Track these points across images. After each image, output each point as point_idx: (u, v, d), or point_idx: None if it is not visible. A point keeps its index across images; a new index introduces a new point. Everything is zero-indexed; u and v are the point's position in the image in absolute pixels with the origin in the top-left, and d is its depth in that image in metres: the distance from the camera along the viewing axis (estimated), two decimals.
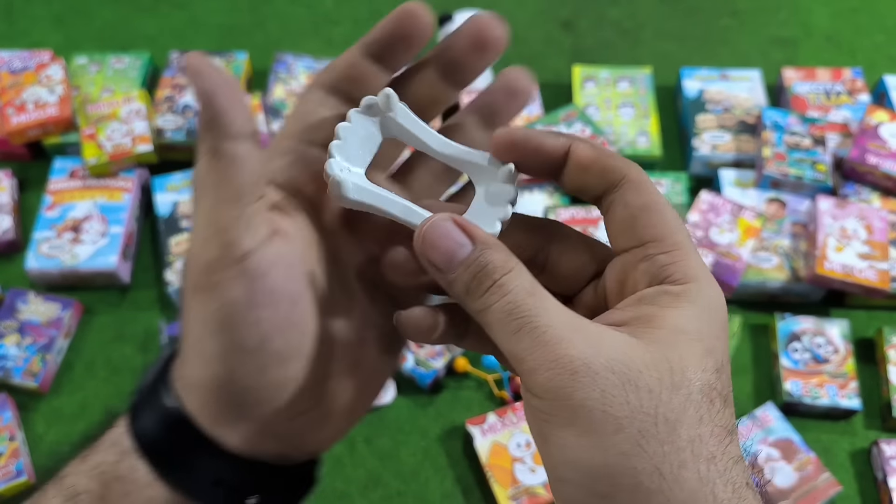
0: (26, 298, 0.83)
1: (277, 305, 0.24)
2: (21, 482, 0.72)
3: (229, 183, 0.23)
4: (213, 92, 0.22)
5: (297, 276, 0.25)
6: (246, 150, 0.23)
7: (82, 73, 0.99)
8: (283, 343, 0.24)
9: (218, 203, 0.23)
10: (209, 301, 0.23)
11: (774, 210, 0.88)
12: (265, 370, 0.24)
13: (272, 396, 0.24)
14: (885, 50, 1.08)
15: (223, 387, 0.24)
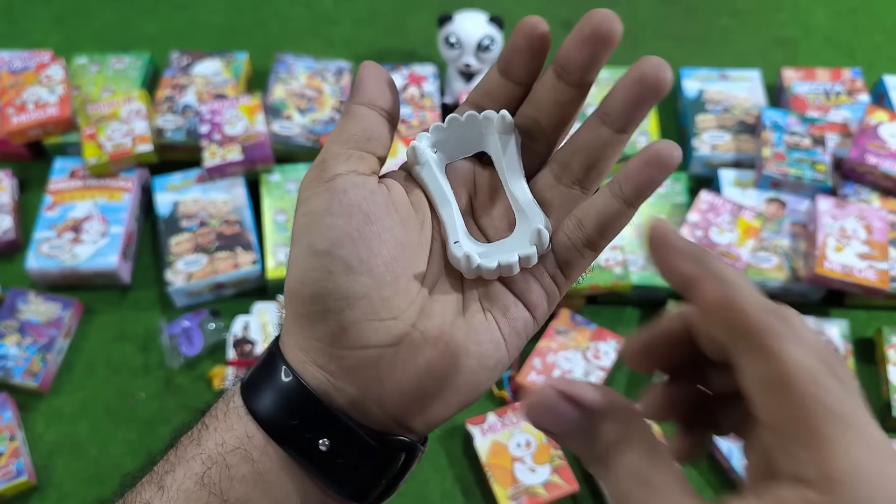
0: (27, 298, 0.83)
1: (350, 217, 0.26)
2: (21, 482, 0.72)
3: (343, 129, 0.28)
4: (364, 73, 0.29)
5: (379, 204, 0.27)
6: (366, 112, 0.28)
7: (83, 74, 0.99)
8: (350, 252, 0.26)
9: (330, 143, 0.28)
10: (300, 213, 0.27)
11: (774, 210, 0.88)
12: (332, 276, 0.26)
13: (340, 306, 0.26)
14: (884, 50, 1.08)
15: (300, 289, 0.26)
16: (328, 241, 0.26)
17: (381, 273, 0.27)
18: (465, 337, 0.27)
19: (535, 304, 0.28)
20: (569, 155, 0.29)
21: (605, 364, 0.79)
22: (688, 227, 0.84)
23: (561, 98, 0.29)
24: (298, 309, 0.27)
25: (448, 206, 0.29)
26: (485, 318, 0.28)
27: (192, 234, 0.86)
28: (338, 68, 1.01)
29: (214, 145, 0.90)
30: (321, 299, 0.26)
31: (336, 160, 0.28)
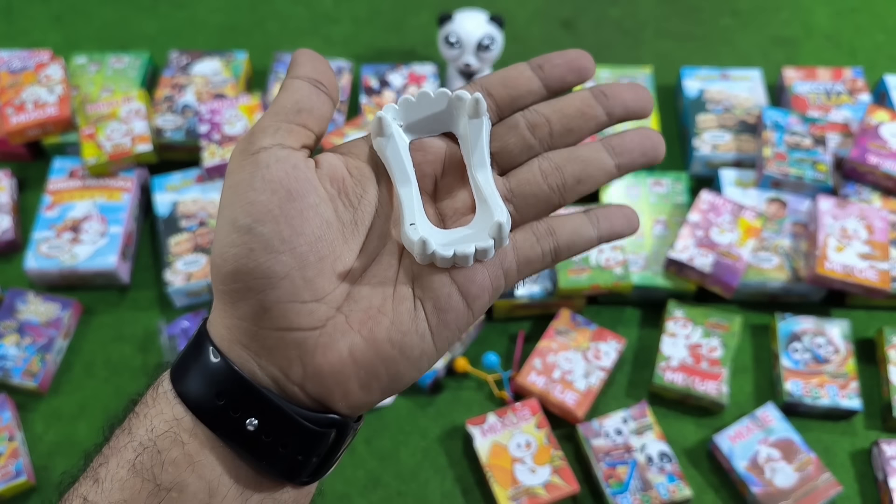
0: (25, 298, 0.83)
1: (272, 193, 0.26)
2: (20, 482, 0.72)
3: (275, 102, 0.28)
4: (299, 53, 0.29)
5: (303, 180, 0.26)
6: (300, 84, 0.28)
7: (82, 73, 0.99)
8: (272, 230, 0.25)
9: (263, 115, 0.28)
10: (225, 185, 0.27)
11: (775, 210, 0.87)
12: (252, 253, 0.25)
13: (261, 285, 0.25)
14: (885, 49, 1.08)
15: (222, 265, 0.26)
16: (250, 216, 0.26)
17: (305, 253, 0.26)
18: (389, 325, 0.27)
19: (476, 295, 0.28)
20: (565, 162, 0.29)
21: (605, 364, 0.79)
22: (688, 227, 0.84)
23: (588, 111, 0.30)
24: (220, 286, 0.26)
25: (408, 185, 0.28)
26: (413, 306, 0.27)
27: (192, 233, 0.86)
28: (337, 68, 1.00)
29: (214, 145, 0.90)
30: (241, 277, 0.26)
31: (264, 133, 0.27)
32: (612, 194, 0.90)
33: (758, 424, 0.75)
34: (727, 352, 0.79)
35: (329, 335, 0.26)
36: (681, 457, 0.75)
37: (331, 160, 0.28)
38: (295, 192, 0.26)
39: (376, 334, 0.26)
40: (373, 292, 0.27)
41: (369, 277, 0.28)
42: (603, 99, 0.30)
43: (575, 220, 0.30)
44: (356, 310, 0.27)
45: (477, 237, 0.28)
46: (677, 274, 0.83)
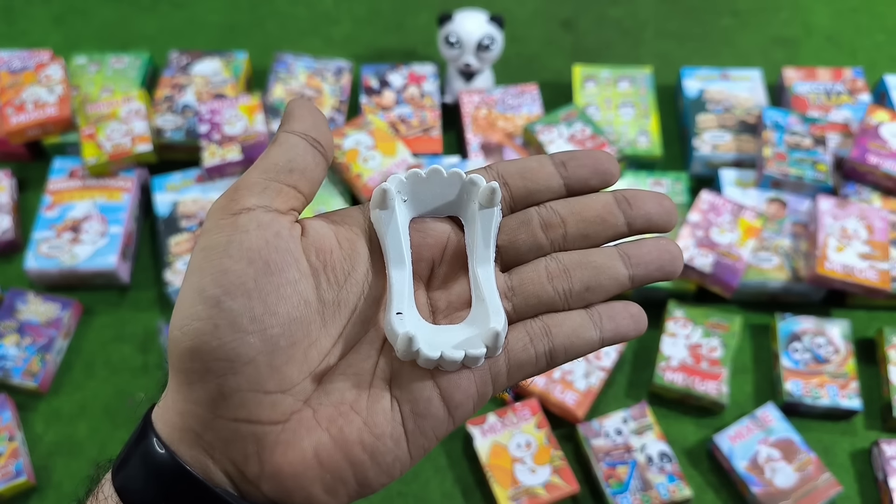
0: (26, 298, 0.83)
1: (248, 264, 0.23)
2: (20, 482, 0.72)
3: (266, 156, 0.26)
4: (295, 104, 0.27)
5: (284, 251, 0.24)
6: (295, 140, 0.26)
7: (82, 73, 0.99)
8: (242, 306, 0.23)
9: (251, 169, 0.25)
10: (198, 245, 0.24)
11: (775, 210, 0.87)
12: (217, 331, 0.22)
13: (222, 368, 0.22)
14: (885, 49, 1.08)
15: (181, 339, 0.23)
16: (220, 287, 0.23)
17: (276, 336, 0.23)
18: (361, 425, 0.24)
19: (459, 403, 0.25)
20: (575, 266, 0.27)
21: (605, 364, 0.79)
22: (689, 227, 0.84)
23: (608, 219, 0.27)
24: (177, 363, 0.23)
25: (401, 268, 0.26)
26: (390, 406, 0.24)
27: (192, 234, 0.86)
28: (337, 68, 1.00)
29: (214, 145, 0.90)
30: (201, 356, 0.22)
31: (249, 191, 0.24)
32: None
33: (758, 424, 0.75)
34: (727, 352, 0.79)
35: (293, 431, 0.23)
36: (681, 457, 0.75)
37: (320, 228, 0.26)
38: (274, 264, 0.23)
39: (346, 434, 0.23)
40: (346, 386, 0.24)
41: (345, 367, 0.25)
42: (626, 207, 0.27)
43: (574, 318, 0.26)
44: (326, 404, 0.24)
45: (468, 341, 0.25)
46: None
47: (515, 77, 1.02)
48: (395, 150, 0.90)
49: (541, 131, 0.91)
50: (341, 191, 0.90)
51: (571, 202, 0.28)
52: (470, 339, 0.25)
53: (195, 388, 0.23)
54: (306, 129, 0.26)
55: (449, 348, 0.24)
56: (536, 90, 0.98)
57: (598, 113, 0.96)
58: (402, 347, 0.24)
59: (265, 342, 0.23)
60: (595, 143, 0.90)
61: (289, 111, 0.27)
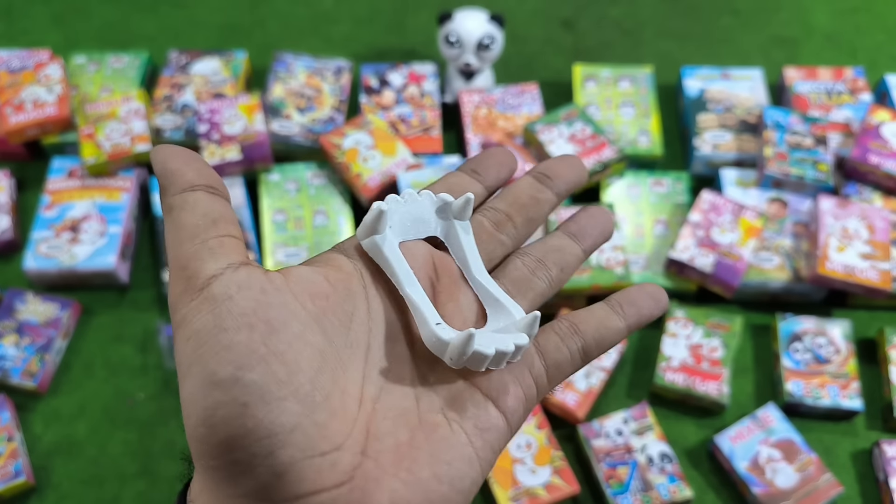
0: (24, 298, 0.82)
1: (251, 329, 0.21)
2: (20, 483, 0.71)
3: (182, 226, 0.23)
4: (165, 159, 0.24)
5: (280, 306, 0.22)
6: (196, 197, 0.23)
7: (81, 73, 0.99)
8: (264, 374, 0.20)
9: (176, 246, 0.23)
10: (182, 339, 0.21)
11: (776, 210, 0.87)
12: (248, 409, 0.20)
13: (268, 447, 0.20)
14: (886, 49, 1.08)
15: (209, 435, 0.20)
16: (231, 364, 0.20)
17: (309, 392, 0.21)
18: (429, 458, 0.22)
19: (513, 409, 0.25)
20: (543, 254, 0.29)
21: (606, 365, 0.79)
22: (689, 227, 0.84)
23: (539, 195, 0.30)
24: (210, 461, 0.21)
25: (414, 285, 0.25)
26: (450, 430, 0.23)
27: None
28: (337, 67, 1.00)
29: (213, 145, 0.89)
30: (240, 443, 0.20)
31: (198, 258, 0.22)
32: (613, 195, 0.90)
33: (759, 425, 0.74)
34: (728, 352, 0.79)
35: (361, 489, 0.21)
36: (681, 457, 0.75)
37: (305, 274, 0.24)
38: (275, 321, 0.21)
39: (417, 473, 0.22)
40: (396, 426, 0.23)
41: (385, 410, 0.23)
42: (547, 181, 0.30)
43: (597, 312, 0.28)
44: (384, 450, 0.22)
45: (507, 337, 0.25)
46: (678, 274, 0.83)
47: (516, 76, 1.02)
48: (394, 149, 0.90)
49: (541, 131, 0.91)
50: (341, 191, 0.90)
51: (503, 196, 0.30)
52: (504, 336, 0.25)
53: (242, 481, 0.20)
54: (192, 180, 0.24)
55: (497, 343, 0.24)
56: (537, 90, 0.98)
57: (599, 112, 0.96)
58: (459, 350, 0.23)
59: (302, 402, 0.21)
60: (595, 142, 0.90)
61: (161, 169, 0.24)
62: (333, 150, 0.89)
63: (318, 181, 0.90)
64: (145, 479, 0.74)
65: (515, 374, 0.25)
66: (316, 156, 0.92)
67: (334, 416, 0.21)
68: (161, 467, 0.75)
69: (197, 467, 0.21)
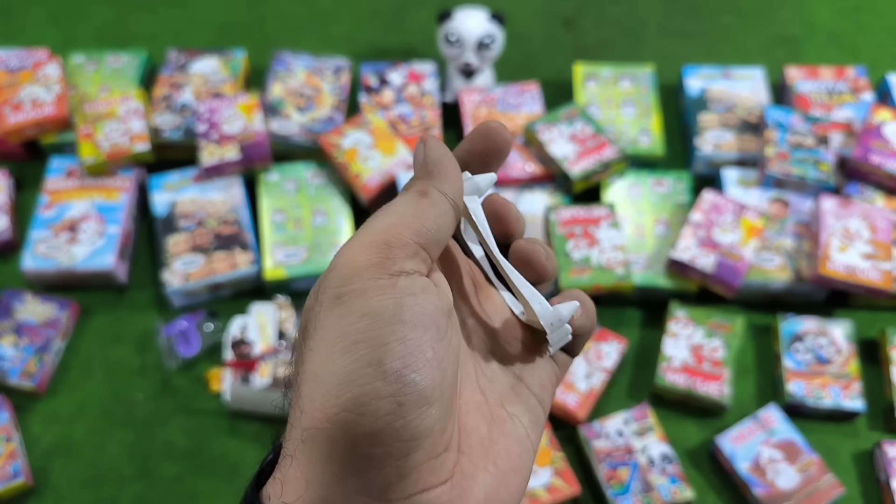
0: (23, 299, 0.82)
1: (426, 330, 0.21)
2: (18, 483, 0.71)
3: (419, 214, 0.23)
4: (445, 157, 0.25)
5: (444, 313, 0.23)
6: (446, 208, 0.24)
7: (79, 72, 0.98)
8: (426, 378, 0.21)
9: (401, 224, 0.23)
10: (351, 310, 0.21)
11: (777, 210, 0.87)
12: (402, 409, 0.20)
13: (406, 449, 0.20)
14: (888, 48, 1.07)
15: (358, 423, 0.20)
16: (401, 360, 0.20)
17: (449, 400, 0.22)
18: (505, 452, 0.23)
19: (548, 403, 0.26)
20: None
21: (606, 365, 0.78)
22: (690, 227, 0.83)
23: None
24: (344, 451, 0.20)
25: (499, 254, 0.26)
26: (514, 424, 0.24)
27: (190, 233, 0.85)
28: (336, 66, 1.00)
29: (212, 144, 0.89)
30: (383, 440, 0.20)
31: (404, 252, 0.22)
32: (615, 195, 0.89)
33: (760, 426, 0.74)
34: (729, 352, 0.79)
35: (461, 485, 0.22)
36: (682, 458, 0.75)
37: (443, 282, 0.24)
38: (442, 328, 0.22)
39: (501, 466, 0.23)
40: (476, 422, 0.24)
41: (466, 405, 0.24)
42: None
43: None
44: (474, 445, 0.23)
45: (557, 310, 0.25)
46: (679, 274, 0.83)
47: (516, 75, 1.02)
48: (394, 149, 0.89)
49: (541, 130, 0.91)
50: (341, 191, 0.89)
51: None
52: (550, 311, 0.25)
53: (367, 476, 0.20)
54: (456, 194, 0.25)
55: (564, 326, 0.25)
56: (537, 89, 0.97)
57: (600, 112, 0.96)
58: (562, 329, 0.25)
59: (442, 408, 0.21)
60: (596, 142, 0.90)
61: (436, 162, 0.25)
62: (333, 150, 0.89)
63: (318, 181, 0.90)
64: (143, 479, 0.74)
65: (547, 373, 0.26)
66: (315, 155, 0.92)
67: (451, 418, 0.22)
68: (159, 468, 0.74)
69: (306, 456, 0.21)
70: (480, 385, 0.25)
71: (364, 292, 0.21)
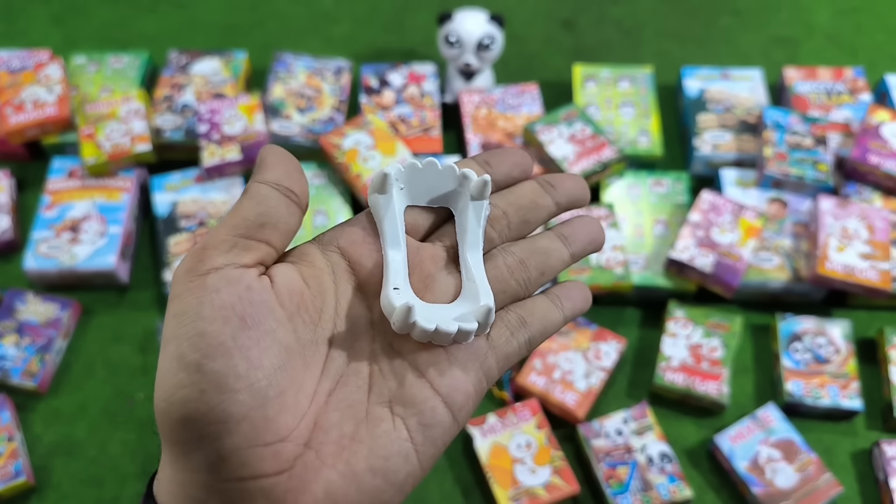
0: (25, 299, 0.82)
1: (224, 323, 0.23)
2: (20, 483, 0.72)
3: (237, 210, 0.25)
4: (268, 152, 0.26)
5: (258, 303, 0.24)
6: (268, 192, 0.25)
7: (81, 73, 0.99)
8: (225, 365, 0.22)
9: (219, 226, 0.25)
10: (169, 314, 0.24)
11: (776, 210, 0.87)
12: (204, 395, 0.22)
13: (217, 431, 0.22)
14: (886, 49, 1.08)
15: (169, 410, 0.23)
16: (199, 351, 0.22)
17: (264, 388, 0.23)
18: (367, 452, 0.24)
19: (461, 405, 0.25)
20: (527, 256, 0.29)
21: (605, 364, 0.79)
22: (689, 227, 0.84)
23: (540, 202, 0.30)
24: (169, 435, 0.23)
25: (397, 249, 0.27)
26: (393, 425, 0.24)
27: (191, 234, 0.86)
28: (337, 67, 1.00)
29: (213, 145, 0.89)
30: (193, 424, 0.22)
31: (217, 249, 0.24)
32: (614, 196, 0.90)
33: (758, 425, 0.74)
34: (728, 352, 0.79)
35: (299, 477, 0.23)
36: (681, 457, 0.75)
37: (287, 273, 0.25)
38: (250, 318, 0.23)
39: (354, 466, 0.24)
40: (343, 419, 0.24)
41: (336, 402, 0.25)
42: (551, 189, 0.31)
43: (540, 305, 0.29)
44: (327, 442, 0.24)
45: (461, 317, 0.26)
46: (678, 274, 0.83)
47: (515, 76, 1.02)
48: (394, 149, 0.90)
49: (541, 131, 0.91)
50: (341, 191, 0.90)
51: (505, 194, 0.30)
52: (462, 315, 0.26)
53: (192, 457, 0.23)
54: (278, 178, 0.26)
55: (444, 321, 0.25)
56: (537, 90, 0.98)
57: (599, 112, 0.96)
58: (400, 318, 0.24)
59: (254, 396, 0.23)
60: (595, 142, 0.90)
61: (261, 159, 0.26)
62: (333, 151, 0.90)
63: (318, 181, 0.90)
64: (145, 479, 0.74)
65: (467, 370, 0.26)
66: (316, 156, 0.92)
67: (284, 411, 0.23)
68: None
69: (162, 439, 0.24)
70: (371, 383, 0.25)
71: (178, 296, 0.24)
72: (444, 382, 0.25)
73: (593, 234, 0.31)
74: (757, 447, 0.73)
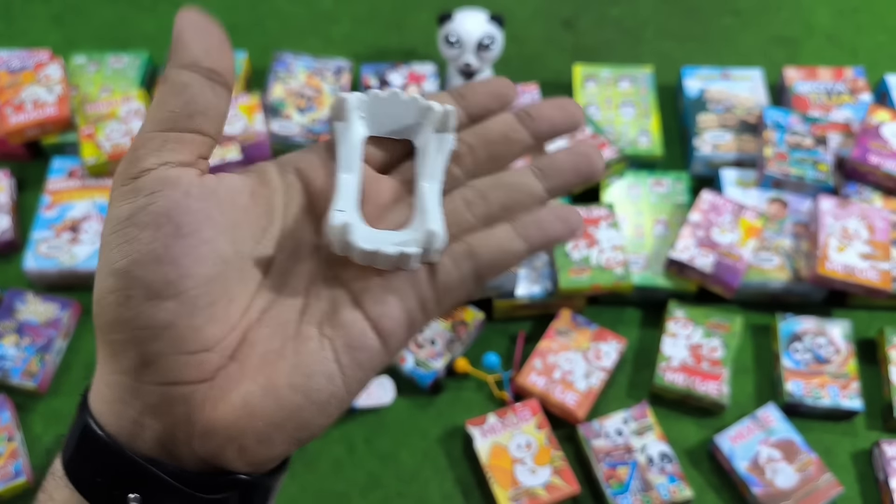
0: (24, 299, 0.82)
1: (156, 230, 0.22)
2: (20, 483, 0.72)
3: (160, 104, 0.24)
4: (182, 25, 0.24)
5: (196, 210, 0.23)
6: (188, 78, 0.23)
7: (81, 73, 0.99)
8: (154, 273, 0.22)
9: (145, 123, 0.24)
10: (106, 217, 0.23)
11: (776, 210, 0.87)
12: (130, 301, 0.22)
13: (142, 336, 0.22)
14: (886, 49, 1.08)
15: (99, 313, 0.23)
16: (128, 258, 0.22)
17: (194, 298, 0.23)
18: (290, 369, 0.23)
19: (390, 332, 0.25)
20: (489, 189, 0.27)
21: (605, 365, 0.79)
22: (689, 227, 0.84)
23: (512, 135, 0.28)
24: (99, 336, 0.23)
25: (350, 173, 0.26)
26: (320, 345, 0.24)
27: None
28: (337, 67, 1.00)
29: None
30: (120, 327, 0.23)
31: (146, 148, 0.23)
32: (614, 196, 0.90)
33: (759, 425, 0.74)
34: (728, 352, 0.79)
35: (220, 387, 0.23)
36: (681, 457, 0.75)
37: (234, 183, 0.25)
38: (185, 225, 0.23)
39: (275, 380, 0.23)
40: (272, 335, 0.24)
41: (269, 319, 0.24)
42: (528, 120, 0.28)
43: (498, 233, 0.26)
44: (252, 356, 0.24)
45: (405, 242, 0.25)
46: (678, 274, 0.83)
47: (516, 76, 1.02)
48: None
49: None
50: None
51: (475, 129, 0.28)
52: (406, 240, 0.25)
53: (119, 359, 0.23)
54: (197, 58, 0.24)
55: (385, 244, 0.24)
56: (537, 90, 0.98)
57: (599, 112, 0.96)
58: (336, 235, 0.24)
59: (182, 305, 0.23)
60: (595, 142, 0.90)
61: (177, 36, 0.24)
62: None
63: None
64: None
65: (400, 296, 0.25)
66: None
67: (213, 322, 0.23)
68: None
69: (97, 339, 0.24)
70: (306, 303, 0.25)
71: (112, 202, 0.23)
72: (375, 307, 0.25)
73: (579, 163, 0.28)
74: (757, 447, 0.73)
